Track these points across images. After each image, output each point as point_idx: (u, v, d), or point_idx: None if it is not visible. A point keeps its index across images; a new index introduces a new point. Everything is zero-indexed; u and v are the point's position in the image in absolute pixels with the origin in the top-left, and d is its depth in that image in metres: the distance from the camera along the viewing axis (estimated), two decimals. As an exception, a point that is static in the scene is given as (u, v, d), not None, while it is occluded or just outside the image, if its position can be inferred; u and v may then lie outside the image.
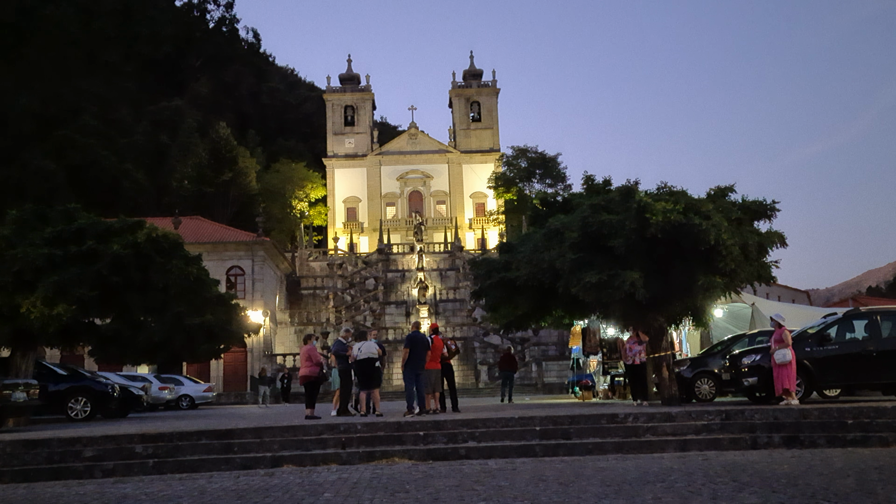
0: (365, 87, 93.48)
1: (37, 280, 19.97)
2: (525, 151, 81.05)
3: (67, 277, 19.80)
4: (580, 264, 17.76)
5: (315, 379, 19.07)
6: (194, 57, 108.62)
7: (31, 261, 20.04)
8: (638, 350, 20.40)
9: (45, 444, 13.67)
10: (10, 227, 22.11)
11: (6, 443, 13.54)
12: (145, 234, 22.53)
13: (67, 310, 19.71)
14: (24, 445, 13.50)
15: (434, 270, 67.91)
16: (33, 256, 20.12)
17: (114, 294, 21.20)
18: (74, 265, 20.33)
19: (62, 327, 20.50)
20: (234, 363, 52.72)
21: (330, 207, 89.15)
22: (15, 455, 13.21)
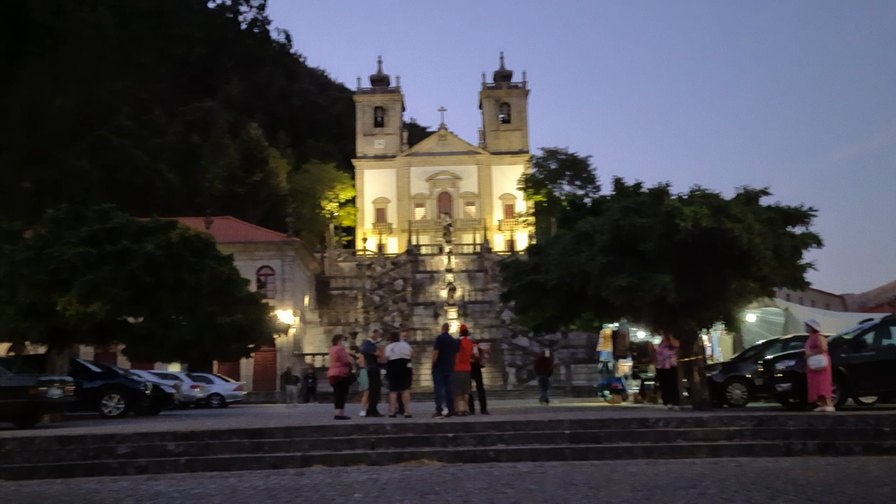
0: (395, 89, 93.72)
1: (72, 278, 20.28)
2: (555, 153, 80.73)
3: (102, 276, 20.10)
4: (610, 267, 17.66)
5: (344, 379, 19.15)
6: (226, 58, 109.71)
7: (67, 259, 20.37)
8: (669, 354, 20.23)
9: (80, 440, 13.87)
10: (47, 226, 22.50)
11: (42, 438, 13.76)
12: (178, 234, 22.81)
13: (102, 308, 20.01)
14: (60, 441, 13.71)
15: (462, 272, 67.90)
16: (69, 255, 20.45)
17: (147, 293, 21.48)
18: (109, 264, 20.64)
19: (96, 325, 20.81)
20: (263, 362, 53.12)
21: (359, 208, 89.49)
22: (50, 451, 13.42)
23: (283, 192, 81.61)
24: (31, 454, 13.31)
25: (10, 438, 13.79)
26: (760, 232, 16.62)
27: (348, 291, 66.46)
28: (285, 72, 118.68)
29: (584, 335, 52.97)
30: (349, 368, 19.29)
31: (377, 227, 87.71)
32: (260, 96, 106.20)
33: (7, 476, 12.37)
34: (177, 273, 21.75)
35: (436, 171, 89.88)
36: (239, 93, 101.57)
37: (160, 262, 21.13)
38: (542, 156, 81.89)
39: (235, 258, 32.58)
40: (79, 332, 21.37)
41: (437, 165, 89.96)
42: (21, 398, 17.89)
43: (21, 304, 20.34)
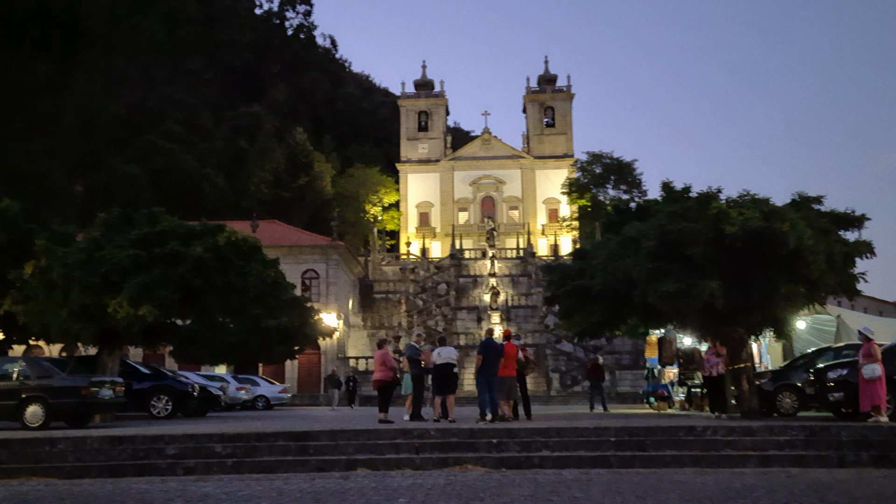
0: (439, 93, 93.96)
1: (123, 281, 20.66)
2: (600, 157, 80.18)
3: (151, 279, 20.45)
4: (657, 273, 17.48)
5: (389, 383, 19.23)
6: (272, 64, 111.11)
7: (118, 262, 20.74)
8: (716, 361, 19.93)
9: (130, 440, 14.14)
10: (99, 229, 22.94)
11: (94, 438, 14.05)
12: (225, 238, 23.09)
13: (151, 311, 20.34)
14: (111, 441, 13.99)
15: (506, 276, 67.76)
16: (120, 258, 20.83)
17: (195, 296, 21.79)
18: (158, 267, 20.99)
19: (146, 327, 21.16)
20: (307, 365, 53.58)
21: (403, 212, 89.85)
22: (102, 450, 13.69)
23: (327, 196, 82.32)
24: (83, 454, 13.60)
25: (63, 438, 14.11)
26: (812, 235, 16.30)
27: (392, 295, 66.73)
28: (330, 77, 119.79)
29: (629, 341, 52.44)
30: (394, 373, 19.36)
31: (421, 231, 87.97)
32: (305, 101, 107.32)
33: (60, 475, 12.65)
34: (224, 276, 22.03)
35: (479, 176, 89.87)
36: (285, 98, 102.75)
37: (208, 266, 21.42)
38: (587, 160, 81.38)
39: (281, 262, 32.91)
40: (129, 334, 21.75)
41: (480, 170, 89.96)
42: (74, 398, 18.30)
43: (74, 306, 20.78)
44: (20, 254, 22.88)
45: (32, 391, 18.12)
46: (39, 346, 34.02)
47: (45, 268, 21.44)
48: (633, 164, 79.40)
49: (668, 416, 21.96)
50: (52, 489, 11.36)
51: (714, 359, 20.05)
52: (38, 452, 13.55)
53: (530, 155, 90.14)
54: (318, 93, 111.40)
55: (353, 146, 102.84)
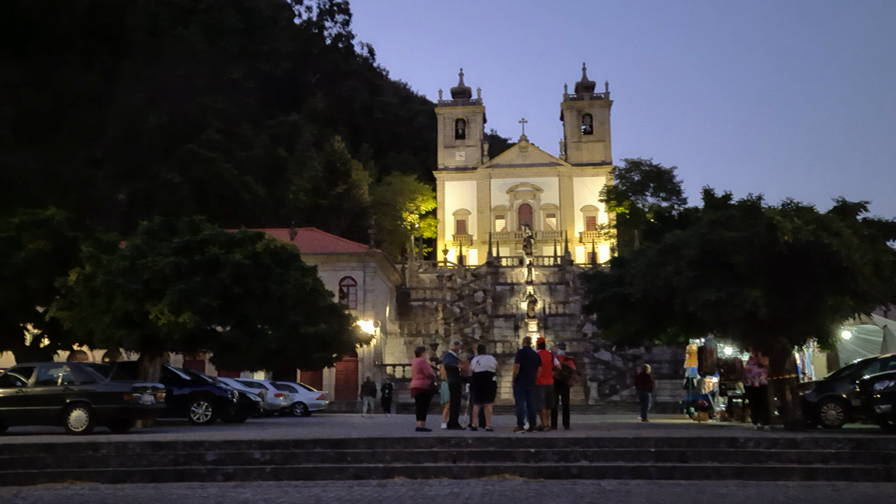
0: (476, 101, 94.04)
1: (164, 288, 20.94)
2: (638, 164, 79.53)
3: (192, 286, 20.70)
4: (698, 281, 17.25)
5: (426, 391, 19.22)
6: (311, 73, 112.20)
7: (160, 269, 21.03)
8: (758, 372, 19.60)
9: (171, 446, 14.29)
10: (141, 237, 23.29)
11: (136, 444, 14.23)
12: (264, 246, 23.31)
13: (192, 318, 20.57)
14: (152, 447, 14.16)
15: (543, 284, 67.44)
16: (161, 265, 21.11)
17: (234, 303, 22.01)
18: (199, 274, 21.23)
19: (187, 334, 21.41)
20: (345, 372, 53.78)
21: (440, 220, 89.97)
22: (143, 455, 13.86)
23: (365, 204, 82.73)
24: (126, 458, 13.78)
25: (106, 443, 14.31)
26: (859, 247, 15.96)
27: (429, 303, 66.77)
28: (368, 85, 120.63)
29: (668, 350, 51.81)
30: (431, 381, 19.34)
31: (457, 239, 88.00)
32: (343, 110, 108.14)
33: (103, 479, 12.83)
34: (263, 284, 22.22)
35: (516, 183, 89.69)
36: (323, 106, 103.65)
37: (247, 273, 21.63)
38: (626, 167, 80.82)
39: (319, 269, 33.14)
40: (170, 341, 22.03)
41: (517, 177, 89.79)
42: (116, 404, 18.59)
43: (116, 313, 21.09)
44: (65, 261, 23.29)
45: (76, 396, 18.44)
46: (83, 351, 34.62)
47: (89, 275, 21.81)
48: (673, 172, 78.66)
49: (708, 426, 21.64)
50: (95, 493, 11.53)
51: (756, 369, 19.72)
52: (82, 457, 13.76)
53: (568, 162, 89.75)
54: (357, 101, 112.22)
55: (390, 154, 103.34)
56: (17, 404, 18.80)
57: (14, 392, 18.94)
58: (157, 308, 20.75)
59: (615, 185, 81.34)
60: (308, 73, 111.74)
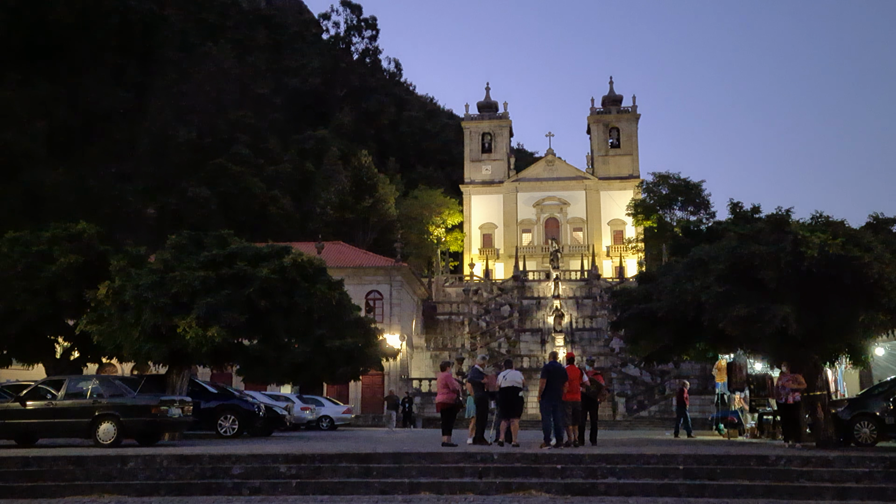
0: (503, 115, 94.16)
1: (192, 302, 21.10)
2: (666, 178, 79.00)
3: (219, 300, 20.84)
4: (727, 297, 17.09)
5: (452, 406, 19.15)
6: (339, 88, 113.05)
7: (188, 283, 21.21)
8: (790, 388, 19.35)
9: (198, 459, 14.37)
10: (170, 251, 23.51)
11: (163, 457, 14.33)
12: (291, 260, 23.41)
13: (219, 332, 20.71)
14: (179, 460, 14.24)
15: (570, 298, 67.17)
16: (189, 279, 21.29)
17: (261, 317, 22.12)
18: (226, 288, 21.39)
19: (214, 348, 21.54)
20: (371, 386, 53.83)
21: (466, 234, 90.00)
22: (171, 469, 13.95)
23: (391, 218, 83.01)
24: (153, 471, 13.87)
25: (134, 456, 14.43)
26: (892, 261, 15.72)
27: (455, 317, 66.72)
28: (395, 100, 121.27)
29: (696, 366, 51.27)
30: (457, 395, 19.28)
31: (484, 253, 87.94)
32: (370, 124, 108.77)
33: (131, 492, 12.92)
34: (290, 298, 22.32)
35: (543, 197, 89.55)
36: (350, 121, 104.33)
37: (274, 287, 21.75)
38: (653, 180, 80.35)
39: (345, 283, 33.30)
40: (197, 354, 22.18)
41: (544, 191, 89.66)
42: (144, 416, 18.74)
43: (145, 327, 21.28)
44: (95, 275, 23.54)
45: (105, 409, 18.62)
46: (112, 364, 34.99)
47: (119, 289, 22.03)
48: (701, 185, 78.06)
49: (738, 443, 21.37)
50: (122, 506, 11.60)
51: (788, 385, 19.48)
52: (110, 470, 13.88)
53: (595, 176, 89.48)
54: (383, 116, 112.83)
55: (417, 168, 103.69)
56: (47, 417, 19.02)
57: (44, 405, 19.17)
58: (185, 322, 20.91)
59: (643, 199, 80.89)
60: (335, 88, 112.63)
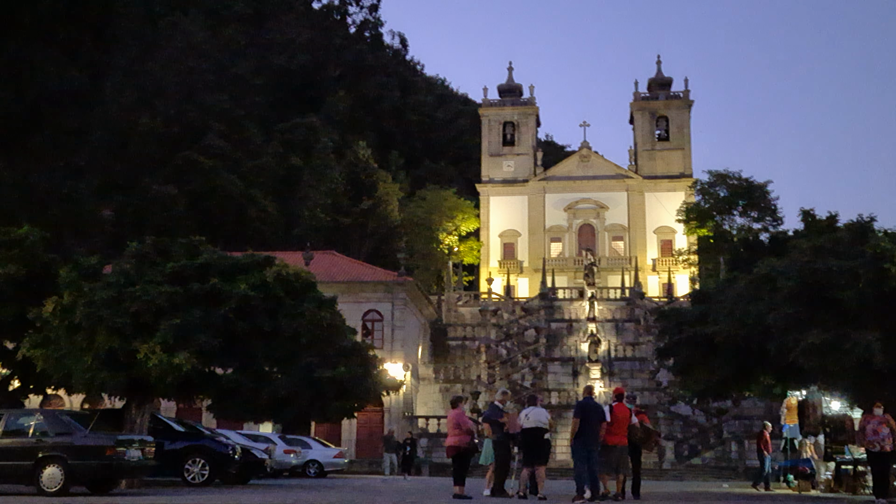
0: (528, 100, 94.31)
1: (156, 323, 21.19)
2: (725, 177, 78.90)
3: (189, 321, 20.93)
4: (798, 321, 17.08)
5: (465, 450, 19.12)
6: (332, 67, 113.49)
7: (151, 300, 21.30)
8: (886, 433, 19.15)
9: (161, 512, 14.39)
10: (130, 261, 23.62)
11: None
12: (274, 273, 23.51)
13: (188, 358, 20.78)
14: (138, 512, 14.26)
15: (608, 321, 67.03)
16: (153, 295, 21.38)
17: (238, 341, 22.22)
18: (196, 307, 21.47)
19: (181, 378, 21.60)
20: (368, 425, 53.77)
21: (483, 242, 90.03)
22: (128, 523, 13.97)
23: (394, 224, 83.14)
24: (107, 526, 13.89)
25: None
26: None
27: (469, 342, 66.65)
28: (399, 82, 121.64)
29: (761, 404, 51.05)
30: (471, 437, 19.25)
31: (505, 266, 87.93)
32: (370, 111, 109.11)
33: (80, 550, 12.93)
34: (273, 318, 22.41)
35: (576, 199, 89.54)
36: (346, 107, 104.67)
37: (254, 306, 21.84)
38: (709, 180, 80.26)
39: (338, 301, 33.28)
40: (161, 385, 22.25)
41: (577, 192, 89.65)
42: (97, 460, 18.72)
43: (99, 352, 21.36)
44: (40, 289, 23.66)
45: (50, 450, 18.62)
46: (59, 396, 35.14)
47: (68, 306, 22.14)
48: (767, 187, 77.90)
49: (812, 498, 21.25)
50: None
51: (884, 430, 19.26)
52: (56, 523, 13.90)
53: (639, 174, 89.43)
54: (385, 101, 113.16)
55: (425, 164, 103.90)
56: (-19, 459, 19.03)
57: (-22, 444, 19.19)
58: (148, 346, 21.00)
59: (696, 203, 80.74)
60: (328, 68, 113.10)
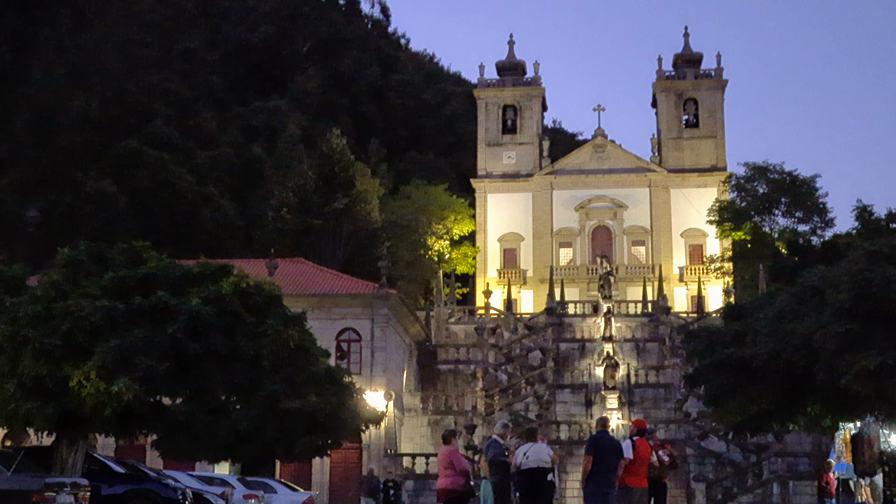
0: (532, 80, 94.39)
1: (92, 344, 21.16)
2: (764, 170, 79.10)
3: (131, 342, 20.91)
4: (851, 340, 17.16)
5: (459, 493, 19.13)
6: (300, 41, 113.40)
7: (86, 318, 21.27)
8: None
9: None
10: (60, 271, 23.59)
11: (48, 564, 14.32)
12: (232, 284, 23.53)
13: (129, 386, 20.76)
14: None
15: (627, 341, 67.09)
16: (88, 312, 21.35)
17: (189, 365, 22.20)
18: (140, 325, 21.45)
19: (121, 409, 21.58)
20: (343, 464, 53.75)
21: (480, 248, 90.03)
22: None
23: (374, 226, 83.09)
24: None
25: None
26: None
27: (463, 367, 66.60)
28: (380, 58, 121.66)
29: (808, 439, 51.17)
30: (466, 479, 19.26)
31: (505, 276, 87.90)
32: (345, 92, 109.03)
33: None
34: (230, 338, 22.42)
35: (589, 197, 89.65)
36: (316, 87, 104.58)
37: (208, 324, 21.84)
38: (746, 174, 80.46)
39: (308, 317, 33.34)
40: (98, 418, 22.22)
41: (591, 188, 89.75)
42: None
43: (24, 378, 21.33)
44: (-47, 305, 23.62)
45: (-34, 496, 18.62)
46: (-24, 431, 35.02)
47: (-13, 324, 22.12)
48: (814, 182, 78.13)
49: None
50: None
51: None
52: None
53: (663, 167, 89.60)
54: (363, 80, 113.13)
55: (410, 155, 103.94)
56: None
57: None
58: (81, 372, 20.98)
59: (731, 201, 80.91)
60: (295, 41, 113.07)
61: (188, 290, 22.56)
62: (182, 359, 21.73)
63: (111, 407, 21.19)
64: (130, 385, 20.77)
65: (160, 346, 21.24)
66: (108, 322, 21.21)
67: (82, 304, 21.51)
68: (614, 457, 18.18)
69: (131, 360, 20.73)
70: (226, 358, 22.70)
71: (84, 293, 22.10)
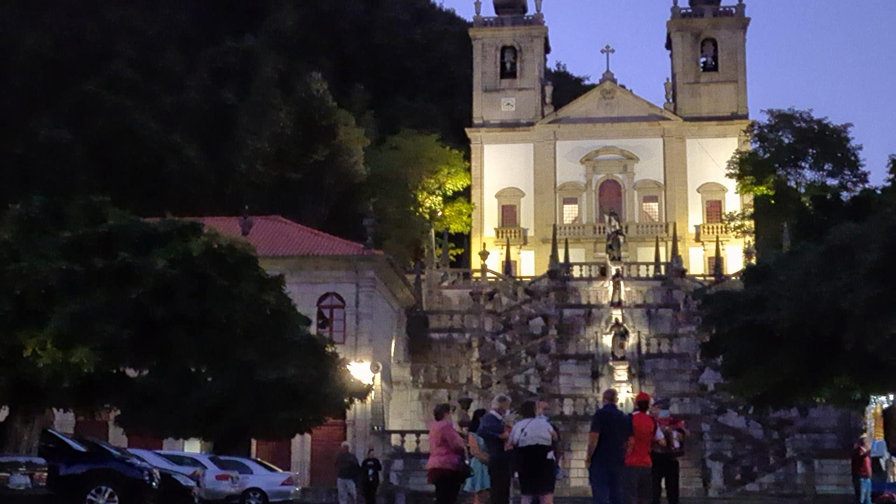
0: (534, 18, 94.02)
1: (47, 309, 21.17)
2: (790, 118, 79.02)
3: (91, 308, 20.91)
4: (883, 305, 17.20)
5: (452, 473, 19.23)
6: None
7: (41, 280, 21.27)
8: None
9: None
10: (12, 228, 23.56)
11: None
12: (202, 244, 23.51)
13: (89, 356, 20.80)
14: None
15: (638, 307, 67.23)
16: (43, 273, 21.35)
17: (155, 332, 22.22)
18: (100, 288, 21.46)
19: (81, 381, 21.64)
20: (325, 442, 53.88)
21: (476, 205, 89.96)
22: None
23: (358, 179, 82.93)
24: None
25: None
26: None
27: (458, 335, 66.74)
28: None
29: (835, 413, 51.45)
30: (460, 457, 19.36)
31: (503, 235, 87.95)
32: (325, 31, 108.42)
33: None
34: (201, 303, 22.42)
35: (597, 148, 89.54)
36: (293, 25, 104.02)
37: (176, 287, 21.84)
38: (769, 123, 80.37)
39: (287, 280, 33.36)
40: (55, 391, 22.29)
41: (598, 138, 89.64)
42: (-29, 488, 18.81)
43: (-28, 348, 21.39)
44: None
45: (-89, 475, 18.69)
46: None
47: (-69, 288, 22.13)
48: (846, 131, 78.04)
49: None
50: None
51: None
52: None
53: (678, 115, 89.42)
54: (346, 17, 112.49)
55: (398, 101, 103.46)
56: None
57: None
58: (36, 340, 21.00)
59: (753, 152, 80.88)
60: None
61: (153, 251, 22.53)
62: (147, 325, 21.74)
63: (69, 379, 21.26)
64: (90, 354, 20.81)
65: (123, 311, 21.24)
66: (65, 285, 21.20)
67: (37, 265, 21.50)
68: (623, 433, 18.28)
69: (91, 327, 20.74)
70: (195, 324, 22.68)
71: (38, 253, 22.07)
